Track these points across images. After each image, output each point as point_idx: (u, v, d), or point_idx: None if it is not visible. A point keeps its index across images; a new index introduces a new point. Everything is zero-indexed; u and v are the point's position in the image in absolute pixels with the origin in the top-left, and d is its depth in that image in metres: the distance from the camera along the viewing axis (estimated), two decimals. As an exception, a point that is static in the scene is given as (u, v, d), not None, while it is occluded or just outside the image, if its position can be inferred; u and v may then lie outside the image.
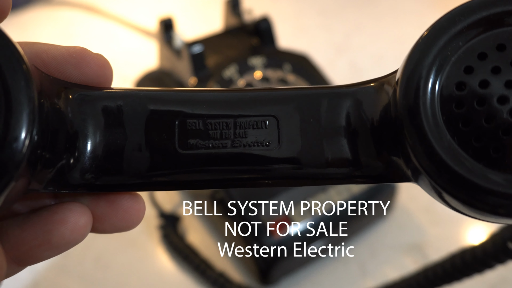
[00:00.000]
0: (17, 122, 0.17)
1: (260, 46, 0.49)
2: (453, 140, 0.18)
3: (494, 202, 0.17)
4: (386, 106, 0.20)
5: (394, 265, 0.44)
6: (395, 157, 0.20)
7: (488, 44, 0.18)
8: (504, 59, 0.18)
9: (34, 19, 0.76)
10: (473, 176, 0.17)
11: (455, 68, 0.18)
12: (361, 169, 0.21)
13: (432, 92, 0.18)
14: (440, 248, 0.45)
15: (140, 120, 0.21)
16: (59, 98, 0.20)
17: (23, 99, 0.17)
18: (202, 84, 0.45)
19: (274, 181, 0.22)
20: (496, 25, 0.18)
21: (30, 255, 0.20)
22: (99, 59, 0.22)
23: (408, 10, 0.79)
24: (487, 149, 0.18)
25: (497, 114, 0.18)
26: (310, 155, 0.21)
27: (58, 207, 0.21)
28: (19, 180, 0.17)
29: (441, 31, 0.19)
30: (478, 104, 0.18)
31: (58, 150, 0.19)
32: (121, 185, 0.21)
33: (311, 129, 0.21)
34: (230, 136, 0.21)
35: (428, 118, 0.18)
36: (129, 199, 0.22)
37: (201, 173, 0.21)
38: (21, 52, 0.18)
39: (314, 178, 0.22)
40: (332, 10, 0.79)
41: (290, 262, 0.41)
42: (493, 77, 0.18)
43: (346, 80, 0.23)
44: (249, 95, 0.22)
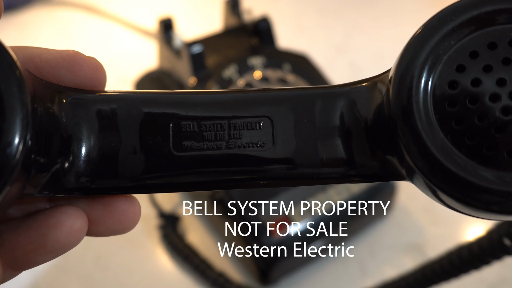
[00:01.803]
0: (11, 127, 0.17)
1: (260, 46, 0.49)
2: (447, 139, 0.18)
3: (488, 199, 0.18)
4: (380, 105, 0.20)
5: (394, 265, 0.44)
6: (389, 156, 0.20)
7: (479, 42, 0.18)
8: (495, 57, 0.18)
9: (34, 19, 0.76)
10: (466, 174, 0.18)
11: (447, 67, 0.18)
12: (355, 168, 0.21)
13: (424, 91, 0.18)
14: (440, 247, 0.45)
15: (134, 122, 0.21)
16: (53, 102, 0.20)
17: (16, 104, 0.17)
18: (201, 84, 0.45)
19: (269, 181, 0.22)
20: (487, 23, 0.18)
21: (26, 259, 0.20)
22: (92, 62, 0.21)
23: (407, 10, 0.79)
24: (480, 147, 0.18)
25: (490, 112, 0.18)
26: (304, 155, 0.21)
27: (53, 211, 0.21)
28: (13, 185, 0.17)
29: (433, 30, 0.19)
30: (470, 102, 0.18)
31: (53, 155, 0.19)
32: (116, 188, 0.21)
33: (306, 130, 0.21)
34: (225, 137, 0.21)
35: (421, 117, 0.18)
36: (125, 202, 0.22)
37: (196, 175, 0.21)
38: (13, 57, 0.18)
39: (309, 178, 0.22)
40: (332, 10, 0.79)
41: (290, 262, 0.41)
42: (485, 75, 0.18)
43: (346, 80, 0.24)
44: (243, 96, 0.22)
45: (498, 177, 0.17)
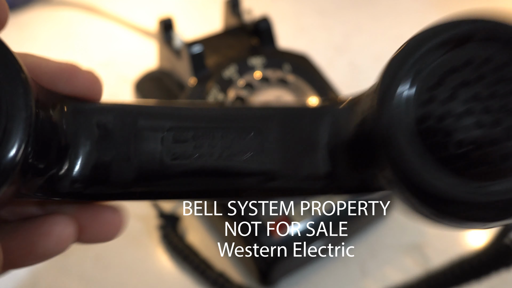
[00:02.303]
0: (14, 126, 0.17)
1: (260, 46, 0.49)
2: (426, 153, 0.19)
3: (468, 211, 0.19)
4: (362, 121, 0.21)
5: (394, 265, 0.44)
6: (371, 169, 0.21)
7: (457, 59, 0.19)
8: (471, 74, 0.19)
9: (34, 19, 0.76)
10: (446, 187, 0.18)
11: (427, 83, 0.19)
12: (338, 181, 0.22)
13: (405, 106, 0.19)
14: (440, 248, 0.45)
15: (130, 132, 0.22)
16: (54, 109, 0.21)
17: (22, 105, 0.17)
18: (201, 84, 0.45)
19: (256, 193, 0.23)
20: (464, 42, 0.19)
21: (14, 262, 0.21)
22: (90, 75, 0.22)
23: (407, 10, 0.79)
24: (459, 160, 0.19)
25: (466, 126, 0.19)
26: (289, 168, 0.22)
27: (44, 220, 0.21)
28: (11, 185, 0.17)
29: (414, 48, 0.20)
30: (448, 117, 0.19)
31: (50, 159, 0.20)
32: (108, 194, 0.22)
33: (291, 144, 0.23)
34: (217, 147, 0.22)
35: (402, 132, 0.19)
36: (111, 212, 0.23)
37: (186, 184, 0.22)
38: (19, 61, 0.18)
39: (293, 190, 0.23)
40: (331, 10, 0.79)
41: (290, 262, 0.41)
42: (462, 91, 0.19)
43: (346, 79, 0.24)
44: (234, 110, 0.23)
45: (477, 189, 0.18)
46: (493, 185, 0.18)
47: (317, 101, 0.45)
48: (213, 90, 0.44)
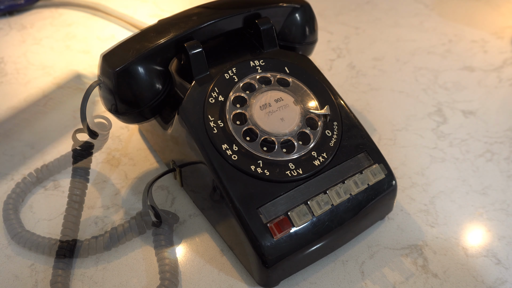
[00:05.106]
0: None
1: (260, 47, 0.49)
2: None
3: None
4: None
5: (393, 266, 0.44)
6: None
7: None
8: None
9: (34, 19, 0.76)
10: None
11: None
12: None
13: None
14: (440, 248, 0.46)
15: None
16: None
17: None
18: (202, 85, 0.45)
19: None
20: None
21: None
22: None
23: (406, 13, 0.79)
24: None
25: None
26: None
27: None
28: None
29: None
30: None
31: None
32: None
33: None
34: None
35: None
36: None
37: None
38: None
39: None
40: (331, 12, 0.79)
41: (290, 262, 0.41)
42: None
43: (346, 81, 0.24)
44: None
45: None
46: None
47: (316, 103, 0.45)
48: (213, 90, 0.44)
